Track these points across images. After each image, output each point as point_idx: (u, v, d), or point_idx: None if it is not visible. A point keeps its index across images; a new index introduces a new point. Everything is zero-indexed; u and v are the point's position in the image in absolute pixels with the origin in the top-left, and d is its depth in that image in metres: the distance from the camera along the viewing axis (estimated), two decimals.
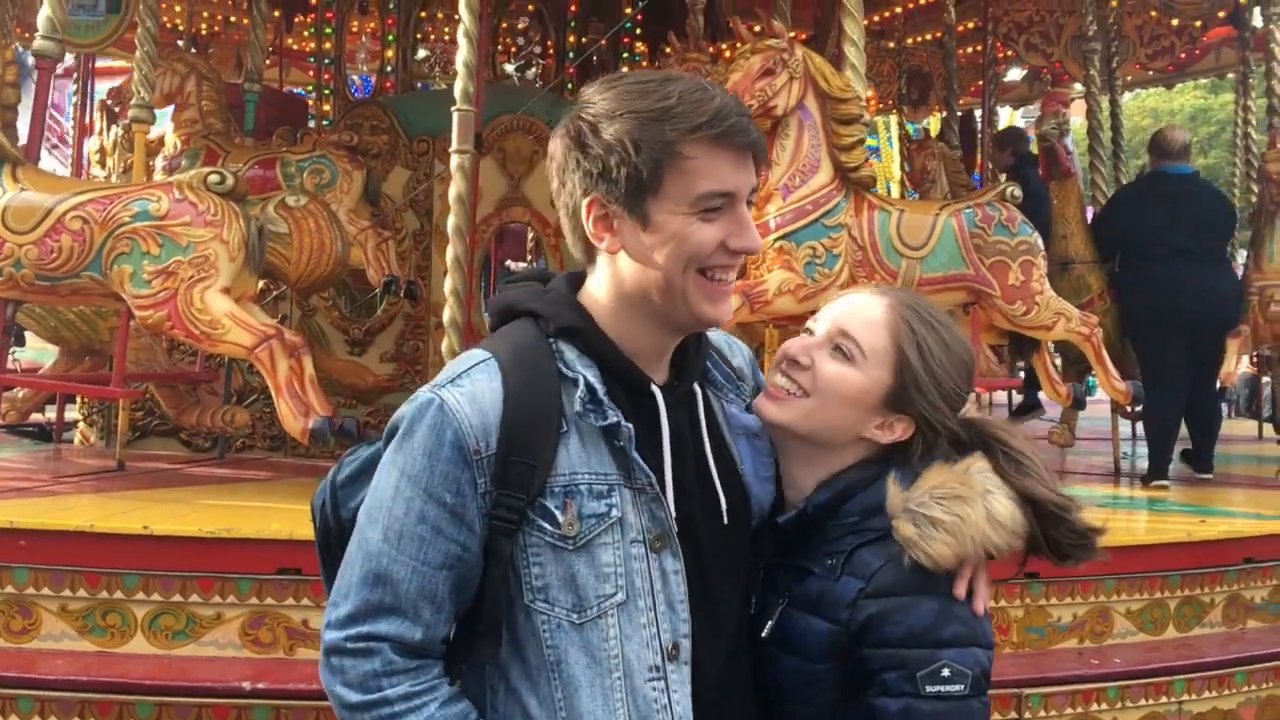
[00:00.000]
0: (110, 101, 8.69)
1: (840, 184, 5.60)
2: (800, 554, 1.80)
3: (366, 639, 1.59)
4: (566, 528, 1.62)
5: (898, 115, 13.74)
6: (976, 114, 11.56)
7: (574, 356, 1.69)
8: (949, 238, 5.83)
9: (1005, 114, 14.25)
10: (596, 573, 1.63)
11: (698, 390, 1.81)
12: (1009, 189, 6.13)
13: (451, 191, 4.92)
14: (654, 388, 1.71)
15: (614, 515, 1.64)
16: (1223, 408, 9.38)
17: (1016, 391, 9.43)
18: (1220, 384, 7.19)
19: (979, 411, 1.92)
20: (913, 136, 12.40)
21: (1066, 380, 6.93)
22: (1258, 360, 9.58)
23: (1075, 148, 8.09)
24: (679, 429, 1.73)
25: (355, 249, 6.45)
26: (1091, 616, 4.65)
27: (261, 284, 6.05)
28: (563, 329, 1.70)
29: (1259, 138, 9.44)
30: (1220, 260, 7.17)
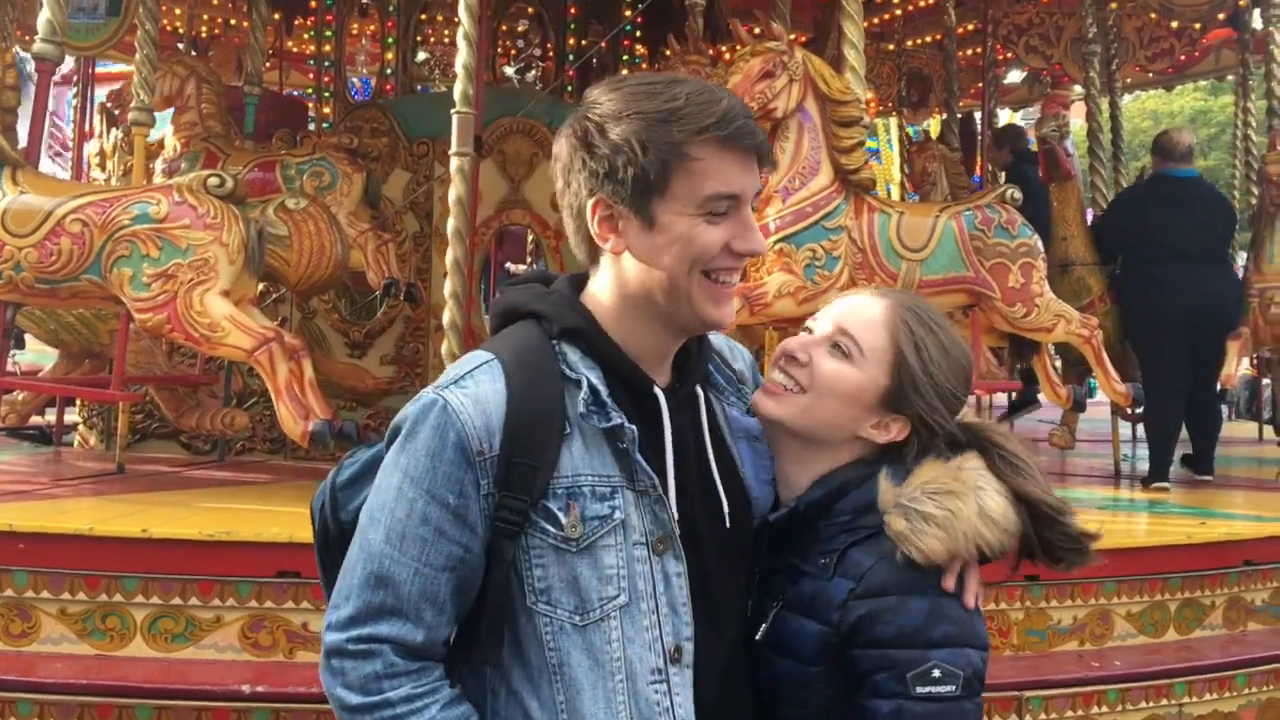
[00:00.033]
0: (110, 104, 8.70)
1: (840, 186, 5.60)
2: (793, 553, 1.79)
3: (368, 641, 1.58)
4: (569, 530, 1.61)
5: (898, 117, 13.74)
6: (976, 116, 11.56)
7: (577, 358, 1.68)
8: (949, 240, 5.83)
9: (1005, 116, 14.23)
10: (599, 575, 1.62)
11: (700, 393, 1.81)
12: (1009, 191, 6.13)
13: (451, 194, 4.92)
14: (656, 390, 1.71)
15: (617, 517, 1.63)
16: (1223, 410, 9.39)
17: (1015, 393, 9.43)
18: (1220, 386, 7.19)
19: (977, 416, 1.92)
20: (913, 139, 12.40)
21: (1066, 382, 6.93)
22: (1258, 362, 9.57)
23: (1075, 150, 8.09)
24: (681, 431, 1.73)
25: (355, 251, 6.46)
26: (1092, 619, 4.65)
27: (261, 286, 6.05)
28: (566, 330, 1.70)
29: (1259, 139, 9.45)
30: (1221, 262, 7.17)
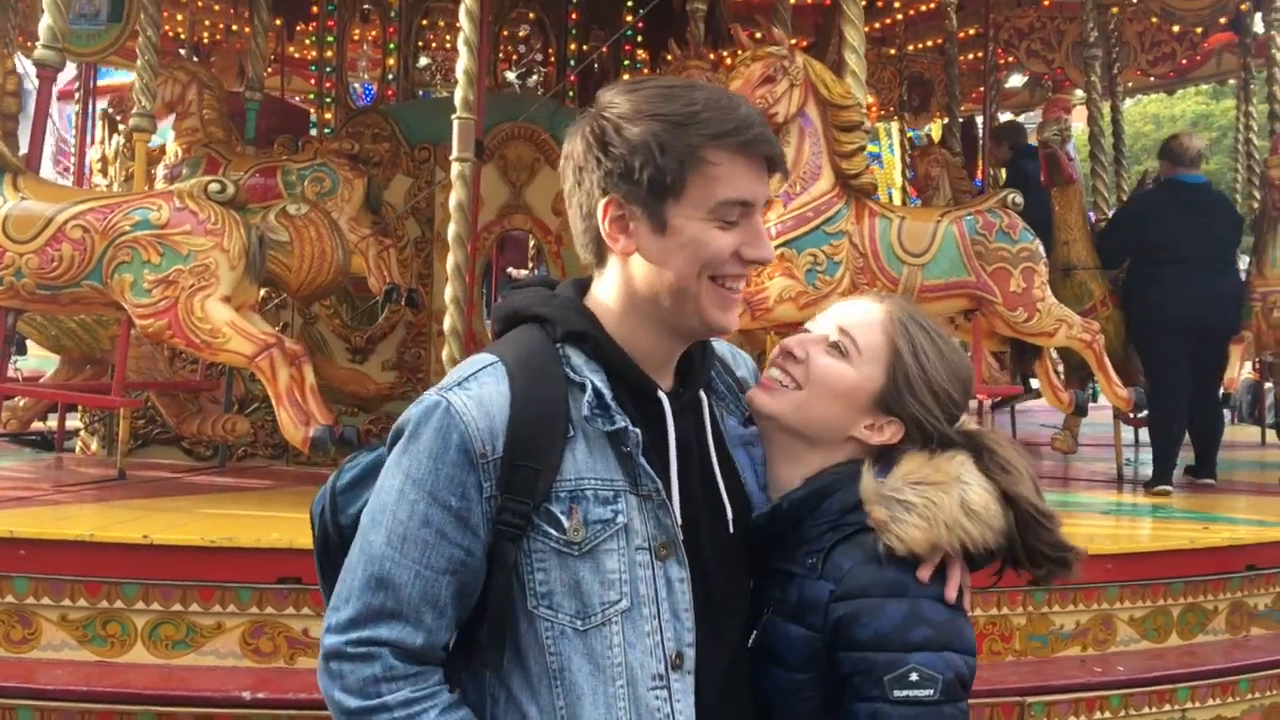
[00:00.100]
0: (112, 110, 8.70)
1: (841, 191, 5.61)
2: (783, 556, 1.79)
3: (367, 644, 1.58)
4: (572, 533, 1.60)
5: (899, 122, 13.74)
6: (978, 120, 11.56)
7: (581, 361, 1.68)
8: (950, 245, 5.82)
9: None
10: (601, 579, 1.61)
11: (703, 397, 1.81)
12: (1010, 196, 6.13)
13: (452, 199, 4.92)
14: (660, 394, 1.70)
15: (619, 521, 1.63)
16: (1225, 414, 9.37)
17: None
18: (1223, 390, 7.18)
19: (979, 423, 1.91)
20: (915, 143, 12.40)
21: (1068, 387, 6.92)
22: (1260, 366, 9.56)
23: (1077, 154, 8.08)
24: (685, 436, 1.72)
25: (356, 257, 6.46)
26: (1094, 624, 4.64)
27: (263, 292, 6.05)
28: (570, 334, 1.69)
29: (1261, 143, 9.43)
30: (1225, 267, 7.16)
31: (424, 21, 10.18)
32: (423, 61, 11.92)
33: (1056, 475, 7.49)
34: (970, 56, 11.50)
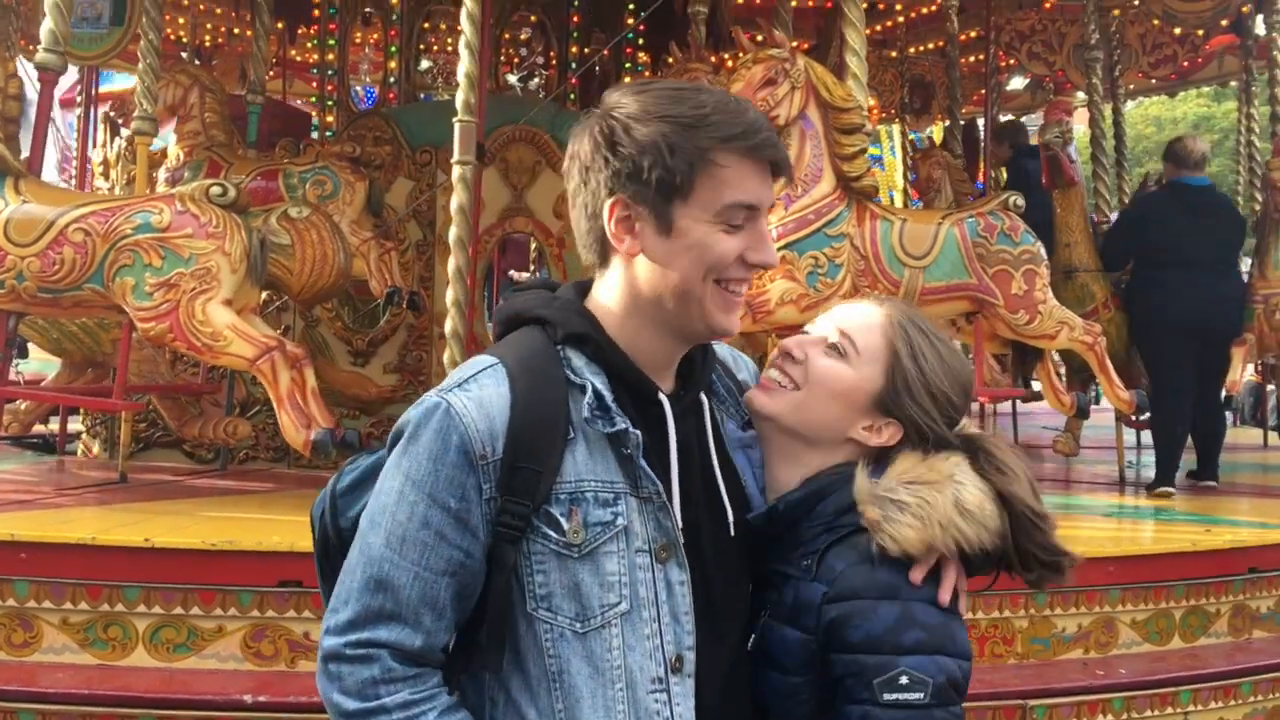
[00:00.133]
0: (113, 113, 8.71)
1: (842, 193, 5.60)
2: (779, 558, 1.78)
3: (366, 645, 1.57)
4: (571, 535, 1.60)
5: (900, 124, 13.75)
6: (979, 123, 11.56)
7: (582, 363, 1.67)
8: (951, 247, 5.82)
9: None
10: (601, 581, 1.61)
11: (704, 400, 1.80)
12: (1012, 198, 6.12)
13: (453, 202, 4.92)
14: (661, 396, 1.70)
15: (619, 524, 1.62)
16: (1227, 416, 9.37)
17: (1023, 401, 9.42)
18: (1225, 392, 7.17)
19: (980, 426, 1.91)
20: (916, 145, 12.41)
21: (1070, 389, 6.91)
22: (1262, 368, 9.55)
23: (1078, 156, 8.08)
24: (686, 438, 1.72)
25: (358, 260, 6.46)
26: (1096, 627, 4.63)
27: (264, 295, 6.05)
28: (571, 336, 1.69)
29: (1262, 146, 9.45)
30: (1228, 270, 7.16)
31: (425, 25, 10.21)
32: (424, 64, 11.95)
33: (1058, 478, 7.49)
34: (971, 59, 11.52)
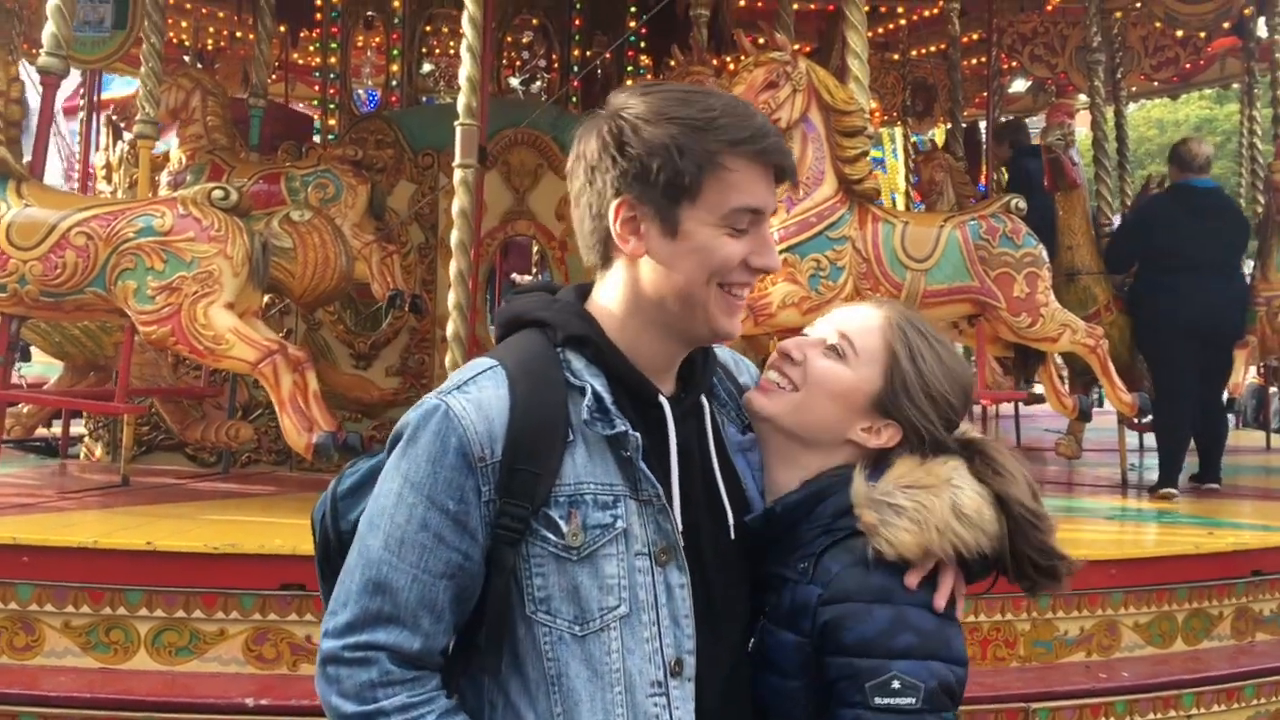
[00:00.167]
0: (116, 117, 8.72)
1: (844, 196, 5.60)
2: (777, 561, 1.78)
3: (364, 648, 1.57)
4: (570, 538, 1.60)
5: (902, 127, 13.75)
6: (981, 125, 11.56)
7: (581, 366, 1.67)
8: (953, 250, 5.81)
9: None
10: (600, 584, 1.60)
11: (705, 403, 1.80)
12: (1014, 201, 6.11)
13: (455, 205, 4.92)
14: (662, 398, 1.70)
15: (619, 526, 1.62)
16: (1230, 418, 9.36)
17: (1025, 404, 9.41)
18: (1228, 394, 7.16)
19: (982, 430, 1.90)
20: (919, 148, 12.41)
21: (1073, 392, 6.91)
22: (1265, 371, 9.54)
23: (1080, 159, 8.07)
24: (687, 441, 1.72)
25: (360, 263, 6.46)
26: (1099, 630, 4.63)
27: (266, 298, 6.06)
28: (570, 338, 1.68)
29: (1265, 148, 9.45)
30: (1232, 272, 7.16)
31: (427, 28, 10.20)
32: (426, 68, 11.94)
33: (1060, 480, 7.48)
34: (973, 61, 11.52)
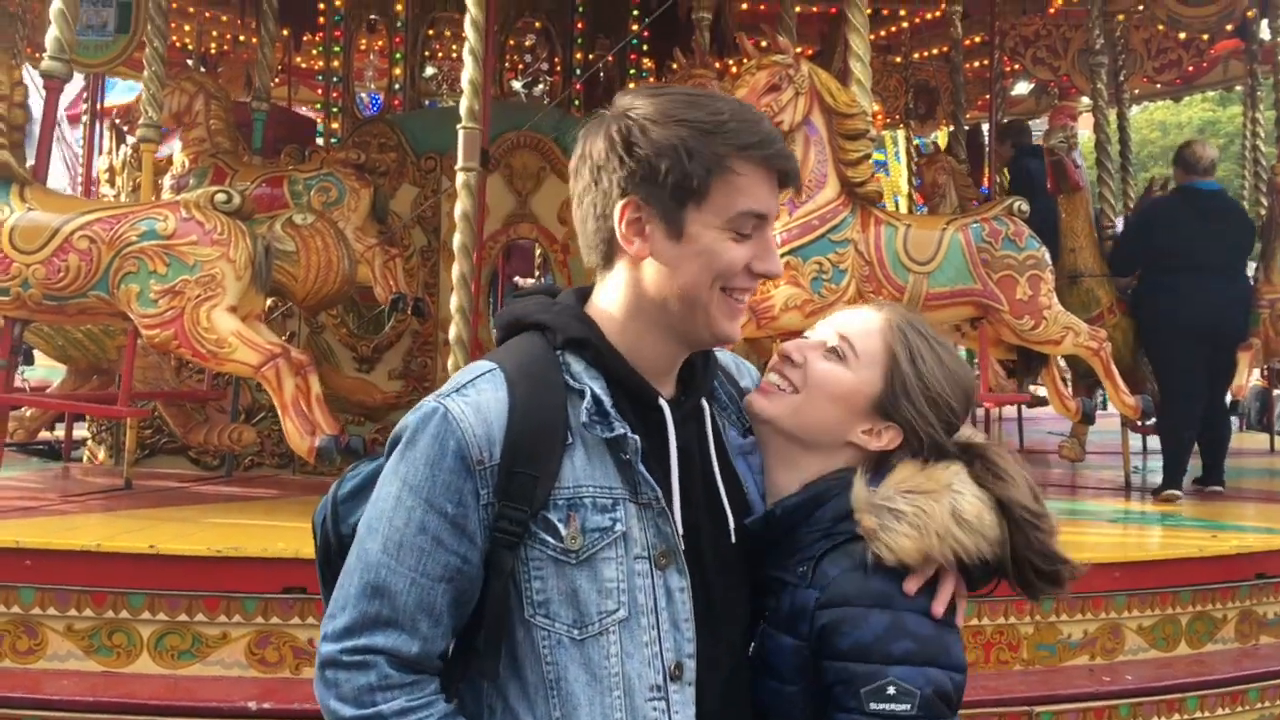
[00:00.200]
0: (119, 120, 8.73)
1: (847, 199, 5.60)
2: (775, 564, 1.77)
3: (362, 652, 1.57)
4: (569, 541, 1.59)
5: (905, 130, 13.75)
6: (984, 128, 11.56)
7: (581, 368, 1.67)
8: (956, 252, 5.81)
9: None
10: (598, 588, 1.60)
11: (705, 406, 1.80)
12: (1016, 203, 6.11)
13: (458, 208, 4.92)
14: (661, 401, 1.69)
15: (618, 529, 1.62)
16: (1233, 421, 9.34)
17: (1028, 406, 9.40)
18: (1231, 397, 7.15)
19: (984, 433, 1.89)
20: (921, 151, 12.41)
21: (1076, 395, 6.90)
22: (1268, 373, 9.53)
23: (1083, 161, 8.08)
24: (687, 444, 1.71)
25: (363, 266, 6.46)
26: (1103, 633, 4.62)
27: (269, 302, 6.06)
28: (570, 340, 1.68)
29: (1268, 150, 9.45)
30: (1236, 274, 7.16)
31: (430, 31, 10.21)
32: (429, 71, 11.94)
33: (1064, 483, 7.48)
34: (976, 64, 11.51)
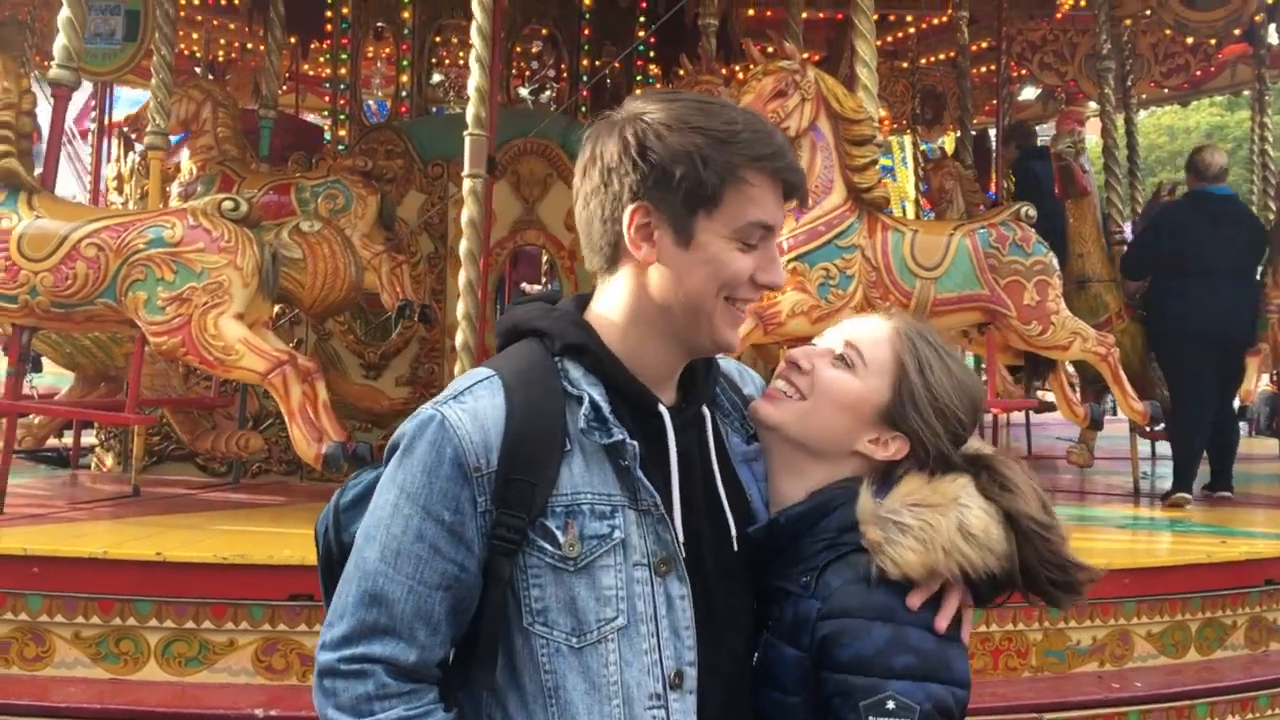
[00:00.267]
0: (127, 128, 8.75)
1: (853, 205, 5.59)
2: (778, 573, 1.76)
3: (360, 660, 1.56)
4: (567, 548, 1.58)
5: (912, 135, 13.75)
6: (991, 133, 11.55)
7: (579, 375, 1.66)
8: (963, 258, 5.80)
9: None
10: (597, 595, 1.59)
11: (706, 413, 1.78)
12: (1024, 209, 6.10)
13: (465, 215, 4.92)
14: (661, 408, 1.68)
15: (616, 537, 1.61)
16: (1242, 426, 9.32)
17: (1035, 412, 9.38)
18: (1240, 402, 7.14)
19: (993, 442, 1.88)
20: (928, 156, 12.40)
21: (1084, 400, 6.89)
22: (1277, 378, 9.50)
23: (1091, 166, 8.06)
24: (687, 450, 1.70)
25: (370, 273, 6.47)
26: (1112, 639, 4.60)
27: (276, 309, 6.07)
28: (568, 347, 1.68)
29: (1276, 155, 9.42)
30: (1246, 280, 7.15)
31: (437, 39, 10.24)
32: (436, 78, 11.97)
33: (1072, 489, 7.46)
34: (983, 69, 11.51)
